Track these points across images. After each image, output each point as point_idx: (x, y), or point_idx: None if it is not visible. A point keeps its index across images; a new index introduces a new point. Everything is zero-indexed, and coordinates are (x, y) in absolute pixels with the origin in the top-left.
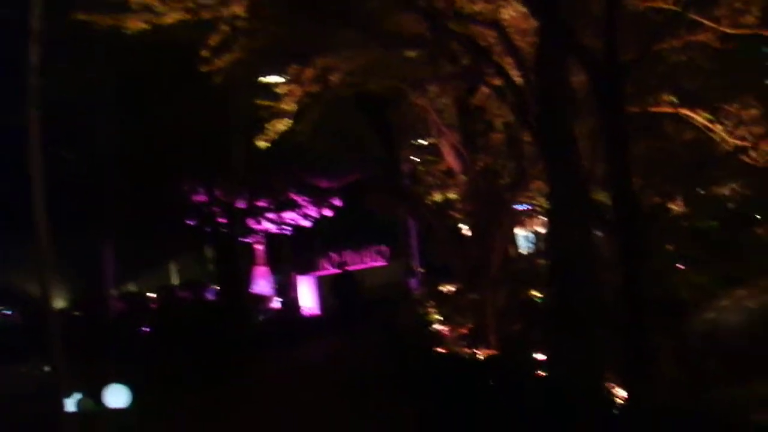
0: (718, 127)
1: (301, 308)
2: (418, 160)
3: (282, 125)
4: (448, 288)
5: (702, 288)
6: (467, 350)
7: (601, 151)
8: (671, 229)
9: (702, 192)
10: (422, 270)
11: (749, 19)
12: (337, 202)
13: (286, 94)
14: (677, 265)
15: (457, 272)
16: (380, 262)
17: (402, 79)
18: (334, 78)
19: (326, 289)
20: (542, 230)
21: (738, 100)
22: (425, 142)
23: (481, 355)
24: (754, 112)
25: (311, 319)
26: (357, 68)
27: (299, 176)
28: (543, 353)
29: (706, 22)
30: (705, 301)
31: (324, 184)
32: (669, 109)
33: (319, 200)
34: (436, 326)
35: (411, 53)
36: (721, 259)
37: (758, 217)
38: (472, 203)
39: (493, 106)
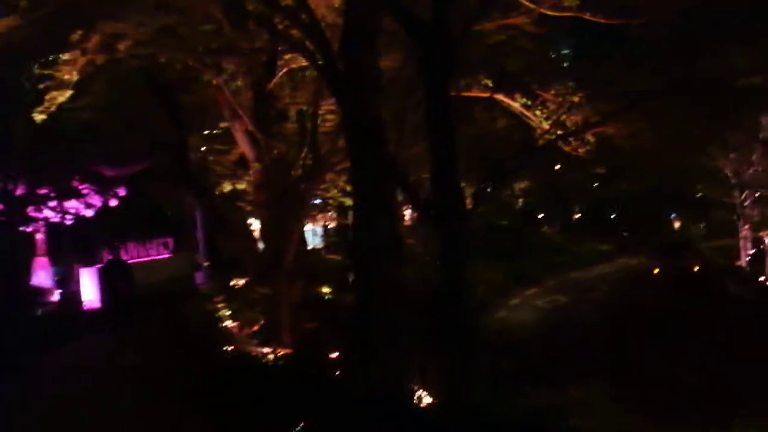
0: (536, 113)
1: (83, 302)
2: (206, 149)
3: (62, 96)
4: (238, 282)
5: (496, 284)
6: (259, 349)
7: (408, 136)
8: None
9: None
10: (208, 263)
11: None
12: (122, 192)
13: (67, 62)
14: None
15: (248, 265)
16: (165, 255)
17: (195, 51)
18: (123, 46)
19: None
20: (333, 225)
21: (559, 84)
22: (216, 131)
23: (274, 354)
24: (575, 99)
25: (92, 313)
26: (147, 37)
27: (83, 163)
28: (338, 352)
29: (526, 2)
30: (499, 298)
31: (109, 172)
32: (484, 94)
33: (104, 189)
34: (227, 322)
35: (206, 26)
36: (513, 257)
37: (542, 215)
38: (266, 193)
39: (287, 94)
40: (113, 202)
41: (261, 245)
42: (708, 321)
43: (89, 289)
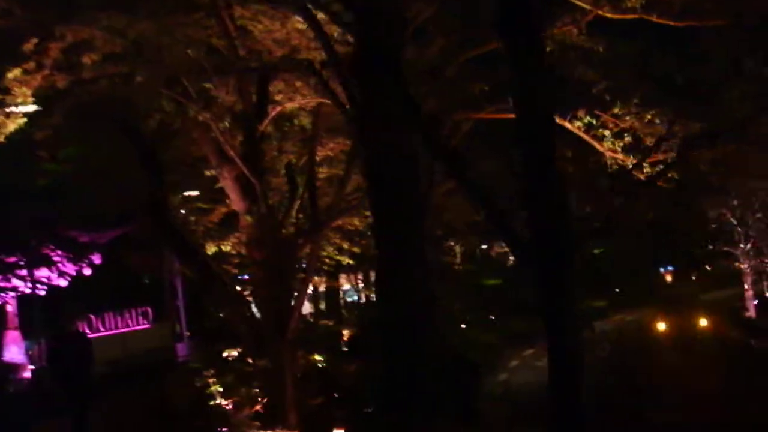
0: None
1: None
2: (186, 210)
3: (13, 124)
4: (230, 353)
5: (491, 347)
6: None
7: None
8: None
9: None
10: (189, 333)
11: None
12: (97, 260)
13: (19, 81)
14: (462, 324)
15: (241, 334)
16: (144, 325)
17: (179, 68)
18: (88, 60)
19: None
20: (322, 288)
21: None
22: (195, 192)
23: None
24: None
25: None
26: (120, 49)
27: (54, 228)
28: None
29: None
30: (495, 359)
31: (83, 238)
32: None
33: (78, 256)
34: (219, 400)
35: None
36: (506, 317)
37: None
38: (262, 250)
39: (274, 146)
40: (87, 271)
41: (255, 311)
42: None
43: None
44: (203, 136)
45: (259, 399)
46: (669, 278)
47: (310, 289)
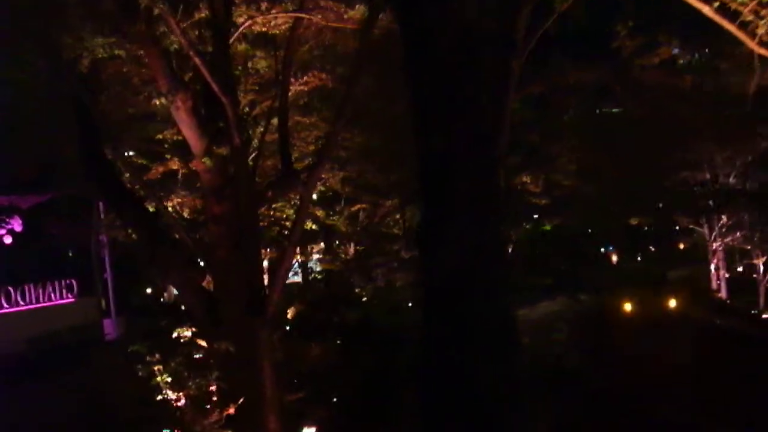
0: None
1: None
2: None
3: None
4: (182, 332)
5: None
6: None
7: None
8: None
9: None
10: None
11: None
12: (17, 226)
13: None
14: None
15: (193, 309)
16: (68, 299)
17: None
18: None
19: None
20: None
21: None
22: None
23: None
24: None
25: None
26: None
27: None
28: None
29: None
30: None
31: (2, 200)
32: None
33: None
34: (167, 394)
35: None
36: None
37: None
38: (220, 203)
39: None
40: (7, 239)
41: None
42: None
43: None
44: (153, 51)
45: (218, 395)
46: (615, 258)
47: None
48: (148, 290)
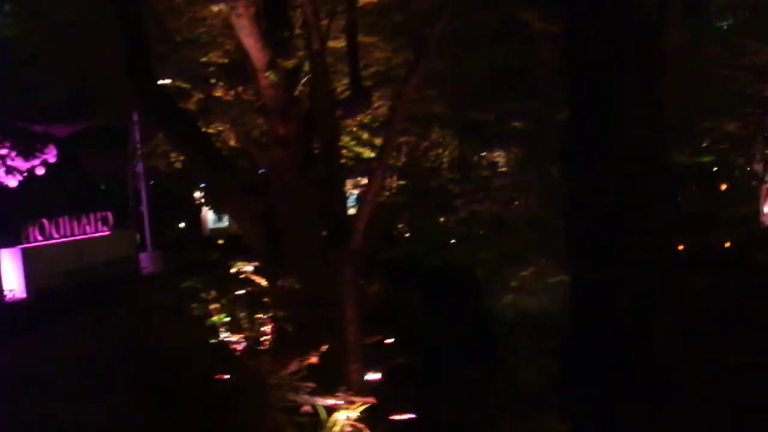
0: None
1: (5, 292)
2: None
3: None
4: (242, 267)
5: (487, 263)
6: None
7: None
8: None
9: None
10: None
11: None
12: (52, 157)
13: None
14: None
15: (254, 242)
16: (103, 232)
17: None
18: None
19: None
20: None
21: None
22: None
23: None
24: None
25: (14, 306)
26: None
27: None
28: None
29: None
30: (493, 278)
31: (37, 127)
32: None
33: (30, 150)
34: (227, 335)
35: None
36: (499, 235)
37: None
38: (286, 123)
39: None
40: (41, 170)
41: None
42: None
43: (11, 277)
44: None
45: (289, 340)
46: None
47: None
48: (181, 225)
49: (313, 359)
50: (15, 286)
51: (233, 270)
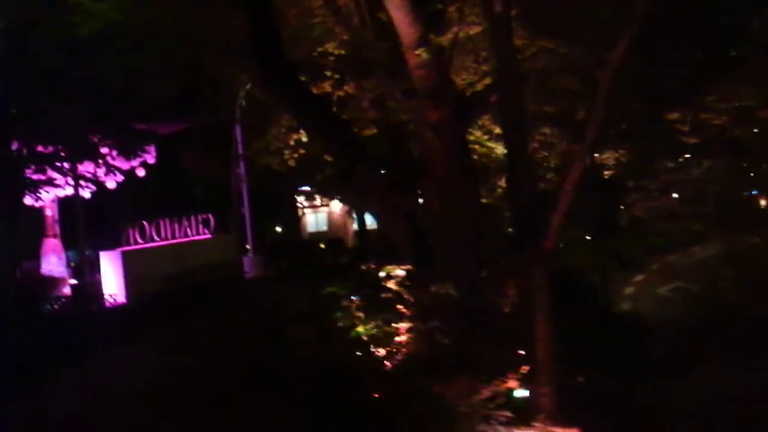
0: None
1: (105, 296)
2: None
3: None
4: (392, 271)
5: (595, 267)
6: None
7: None
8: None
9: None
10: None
11: None
12: (151, 158)
13: None
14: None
15: (401, 242)
16: (204, 235)
17: None
18: None
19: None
20: None
21: None
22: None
23: None
24: None
25: (116, 312)
26: None
27: (102, 111)
28: None
29: None
30: (603, 282)
31: (140, 125)
32: None
33: (131, 149)
34: (375, 350)
35: None
36: (601, 237)
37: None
38: (438, 107)
39: None
40: (141, 171)
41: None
42: None
43: (111, 281)
44: None
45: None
46: (763, 202)
47: None
48: (278, 228)
49: (512, 383)
50: (115, 291)
51: (382, 274)
